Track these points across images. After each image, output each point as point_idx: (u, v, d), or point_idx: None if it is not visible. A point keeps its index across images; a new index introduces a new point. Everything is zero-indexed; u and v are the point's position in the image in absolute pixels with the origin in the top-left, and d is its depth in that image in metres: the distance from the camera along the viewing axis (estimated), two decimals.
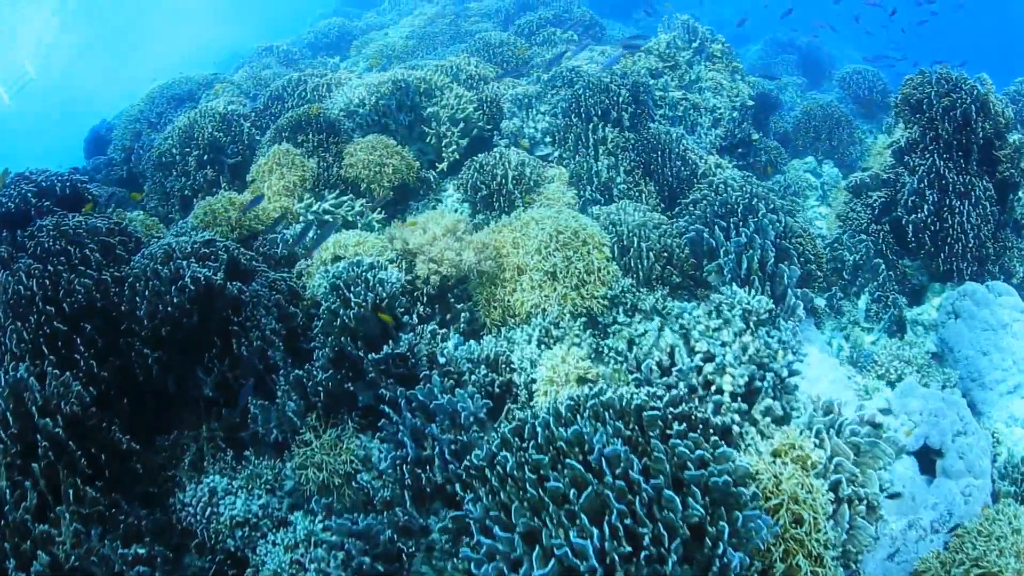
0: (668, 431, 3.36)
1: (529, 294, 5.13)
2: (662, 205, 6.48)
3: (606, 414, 3.31)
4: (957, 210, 6.78)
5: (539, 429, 3.28)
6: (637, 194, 6.43)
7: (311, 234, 5.85)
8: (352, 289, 4.48)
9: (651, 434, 3.30)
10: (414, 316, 5.20)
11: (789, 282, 5.46)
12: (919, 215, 6.79)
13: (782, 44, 13.88)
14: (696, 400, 4.05)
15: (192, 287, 4.73)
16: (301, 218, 6.22)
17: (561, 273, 5.12)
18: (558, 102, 7.15)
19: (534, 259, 5.16)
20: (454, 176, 6.84)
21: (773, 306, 4.59)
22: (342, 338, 4.52)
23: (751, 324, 4.47)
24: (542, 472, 3.19)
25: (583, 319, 5.12)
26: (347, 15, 15.36)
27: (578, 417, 3.27)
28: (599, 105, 6.82)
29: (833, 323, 7.18)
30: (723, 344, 4.32)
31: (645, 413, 3.31)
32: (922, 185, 6.76)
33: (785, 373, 4.56)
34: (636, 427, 3.38)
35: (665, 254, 5.40)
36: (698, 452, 3.23)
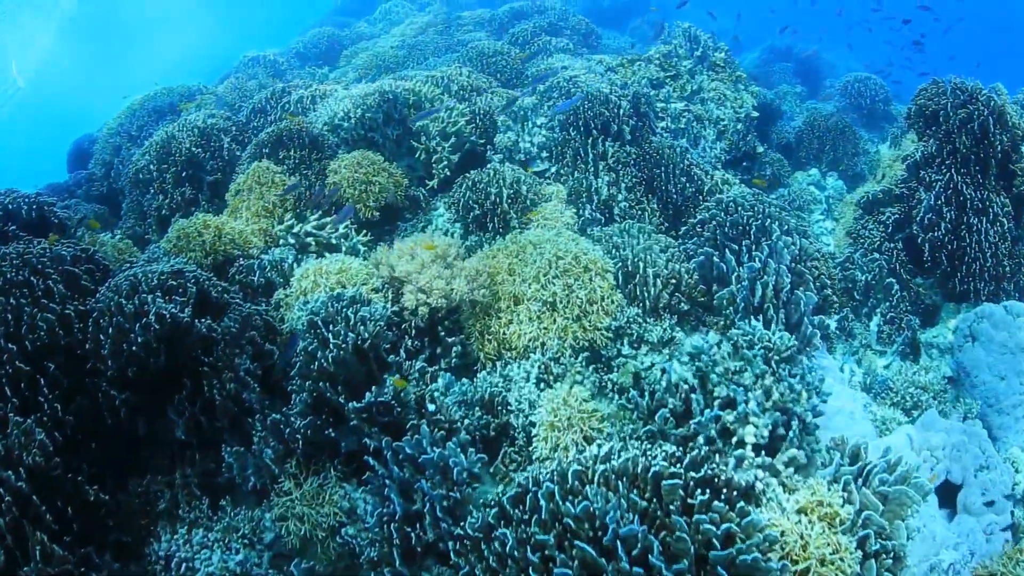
0: (690, 500, 2.88)
1: (526, 326, 4.65)
2: (666, 224, 6.01)
3: (619, 483, 2.82)
4: (975, 228, 6.35)
5: (543, 501, 2.80)
6: (639, 213, 5.96)
7: (290, 259, 5.35)
8: (331, 328, 3.99)
9: (671, 506, 2.82)
10: (401, 351, 4.72)
11: (806, 310, 5.01)
12: (936, 233, 6.35)
13: (779, 52, 13.47)
14: (716, 455, 3.57)
15: (157, 325, 4.25)
16: (281, 241, 5.72)
17: (561, 303, 4.64)
18: (555, 115, 6.68)
19: (531, 288, 4.68)
20: (445, 194, 6.36)
21: (796, 343, 4.12)
22: (320, 383, 4.02)
23: (773, 364, 4.00)
24: (547, 553, 2.70)
25: (585, 354, 4.64)
26: (338, 24, 14.87)
27: (587, 487, 2.78)
28: (599, 118, 6.35)
29: (844, 347, 6.74)
30: (744, 388, 3.84)
31: (664, 482, 2.83)
32: (939, 202, 6.32)
33: (809, 417, 4.09)
34: (653, 496, 2.89)
35: (673, 280, 4.92)
36: (724, 527, 2.75)
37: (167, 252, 5.78)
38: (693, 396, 3.73)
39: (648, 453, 3.23)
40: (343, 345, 3.91)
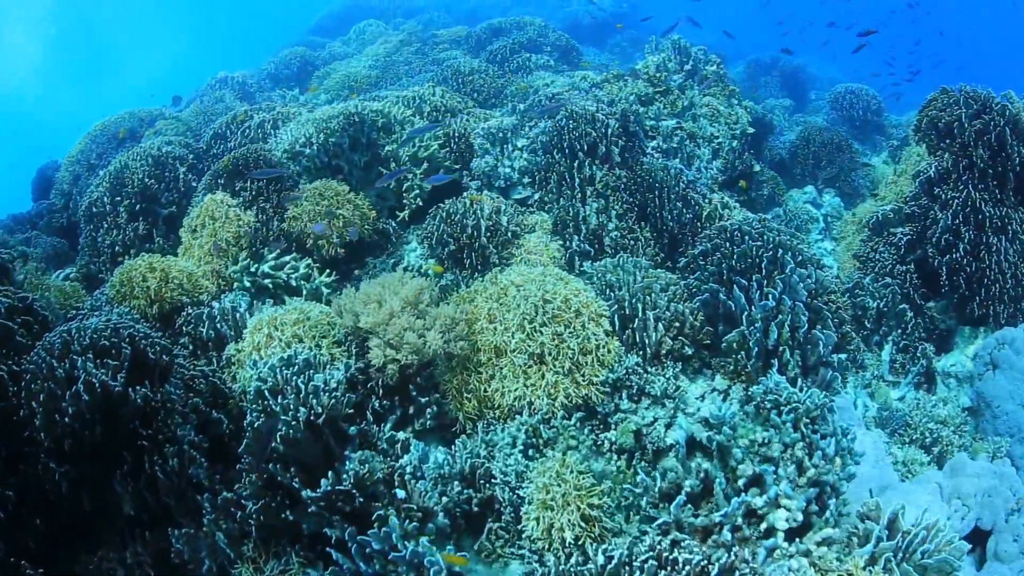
0: None
1: (511, 383, 3.95)
2: (661, 255, 5.36)
3: None
4: (994, 248, 5.76)
5: None
6: (632, 242, 5.30)
7: (243, 307, 4.63)
8: (281, 401, 3.26)
9: None
10: (368, 413, 4.00)
11: (825, 351, 4.37)
12: (954, 255, 5.74)
13: (764, 65, 12.97)
14: (741, 543, 2.88)
15: (87, 396, 3.57)
16: (236, 284, 4.99)
17: (550, 355, 3.95)
18: (537, 136, 6.02)
19: (516, 338, 3.98)
20: (419, 225, 5.67)
21: (827, 399, 3.45)
22: (271, 465, 3.29)
23: (803, 428, 3.32)
24: None
25: (579, 414, 3.95)
26: (311, 45, 14.18)
27: None
28: (584, 138, 5.70)
29: (855, 379, 6.10)
30: (772, 463, 3.16)
31: None
32: (957, 221, 5.72)
33: (844, 486, 3.42)
34: None
35: (676, 323, 4.26)
36: None
37: (111, 299, 5.07)
38: (716, 480, 3.04)
39: (665, 558, 2.53)
40: (293, 423, 3.18)
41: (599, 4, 15.05)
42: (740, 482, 3.12)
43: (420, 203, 5.63)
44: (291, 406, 3.21)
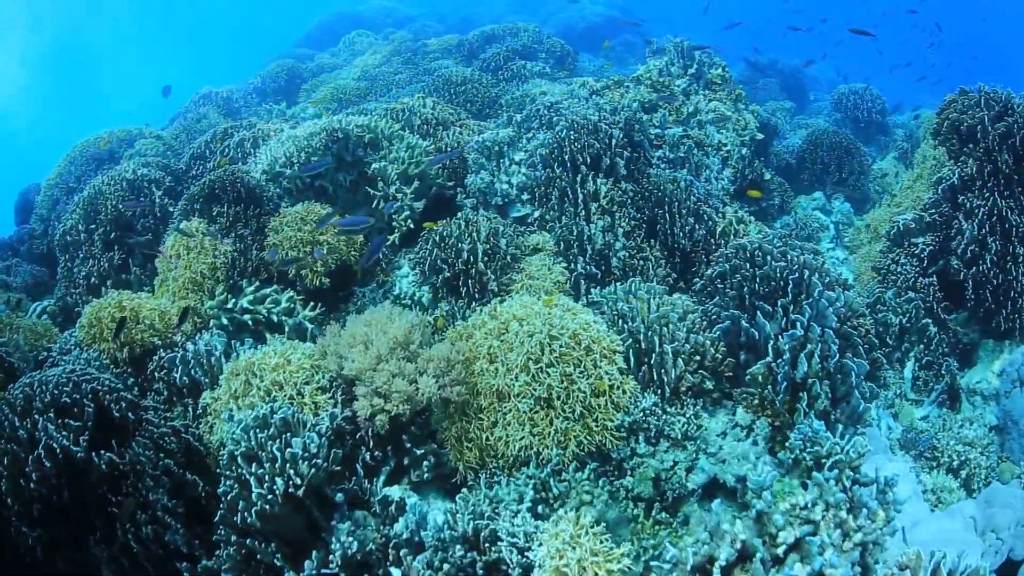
0: None
1: (516, 431, 3.48)
2: (673, 275, 4.89)
3: None
4: (1021, 259, 5.31)
5: None
6: (642, 262, 4.84)
7: (219, 349, 4.15)
8: (255, 468, 2.78)
9: None
10: (358, 466, 3.53)
11: (857, 382, 3.92)
12: (981, 268, 5.29)
13: (761, 67, 12.54)
14: None
15: (48, 463, 3.15)
16: (212, 322, 4.51)
17: (559, 398, 3.49)
18: (536, 149, 5.56)
19: (520, 380, 3.51)
20: (411, 248, 5.20)
21: (869, 445, 2.99)
22: (247, 539, 2.81)
23: (845, 480, 2.86)
24: None
25: (593, 465, 3.48)
26: (300, 57, 13.69)
27: None
28: (587, 150, 5.24)
29: (877, 399, 5.65)
30: (813, 524, 2.70)
31: None
32: (983, 232, 5.27)
33: (887, 541, 2.96)
34: None
35: (697, 357, 3.79)
36: None
37: (80, 342, 4.63)
38: (756, 555, 2.57)
39: None
40: (269, 496, 2.71)
41: (593, 9, 14.61)
42: (780, 549, 2.67)
43: (411, 225, 5.16)
44: (266, 477, 2.73)
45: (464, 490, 3.63)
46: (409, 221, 5.16)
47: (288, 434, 2.96)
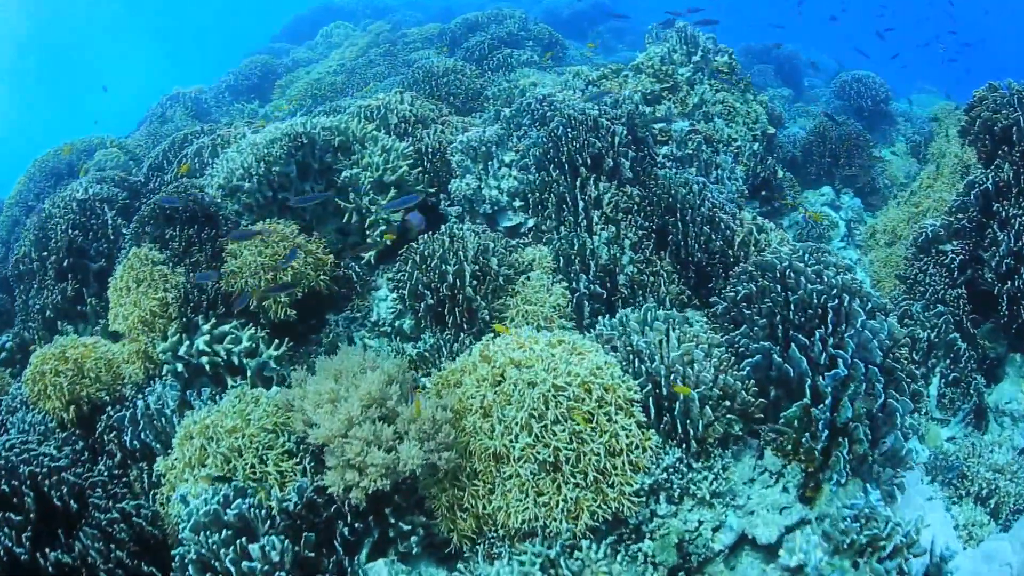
0: None
1: (518, 501, 2.84)
2: (687, 293, 4.23)
3: None
4: None
5: None
6: (652, 279, 4.19)
7: (172, 403, 3.48)
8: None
9: None
10: (336, 543, 2.88)
11: (901, 422, 3.32)
12: (1017, 283, 4.68)
13: (756, 53, 11.82)
14: None
15: None
16: (166, 367, 3.82)
17: (568, 462, 2.83)
18: (528, 149, 4.86)
19: (521, 441, 2.86)
20: (390, 265, 4.51)
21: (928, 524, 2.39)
22: None
23: (903, 565, 2.26)
24: None
25: (610, 539, 2.85)
26: (275, 52, 12.81)
27: None
28: (587, 149, 4.55)
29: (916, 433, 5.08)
30: None
31: None
32: (1020, 244, 4.65)
33: None
34: None
35: (727, 403, 3.15)
36: None
37: (26, 400, 3.98)
38: None
39: None
40: None
41: None
42: None
43: (388, 243, 4.46)
44: None
45: (460, 564, 3.01)
46: (385, 237, 4.46)
47: (244, 539, 2.30)
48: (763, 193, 5.53)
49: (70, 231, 5.29)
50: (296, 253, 3.93)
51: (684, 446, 3.10)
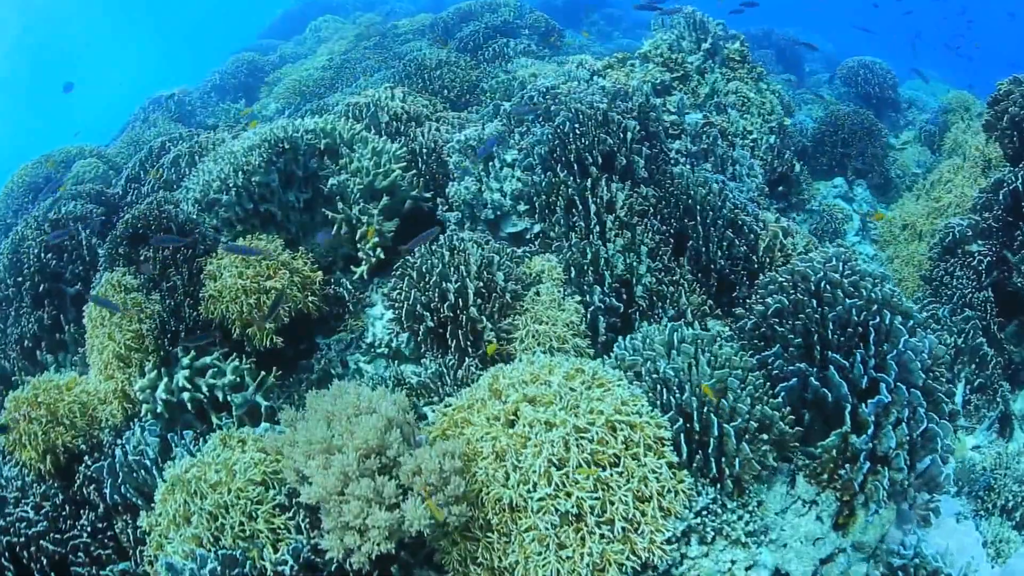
0: None
1: (537, 555, 2.48)
2: (708, 302, 3.86)
3: None
4: None
5: None
6: (671, 289, 3.81)
7: (152, 450, 3.11)
8: None
9: None
10: None
11: (943, 448, 2.99)
12: None
13: (756, 38, 11.36)
14: None
15: None
16: (145, 407, 3.44)
17: (592, 512, 2.47)
18: (532, 147, 4.46)
19: (540, 491, 2.50)
20: (384, 279, 4.13)
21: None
22: None
23: None
24: None
25: None
26: (262, 49, 12.28)
27: None
28: (597, 146, 4.16)
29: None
30: None
31: None
32: None
33: None
34: None
35: (764, 436, 2.79)
36: None
37: (2, 449, 3.66)
38: None
39: None
40: None
41: None
42: None
43: (382, 256, 4.07)
44: None
45: None
46: (378, 250, 4.07)
47: None
48: (780, 188, 5.14)
49: (43, 255, 4.92)
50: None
51: (718, 485, 2.75)
